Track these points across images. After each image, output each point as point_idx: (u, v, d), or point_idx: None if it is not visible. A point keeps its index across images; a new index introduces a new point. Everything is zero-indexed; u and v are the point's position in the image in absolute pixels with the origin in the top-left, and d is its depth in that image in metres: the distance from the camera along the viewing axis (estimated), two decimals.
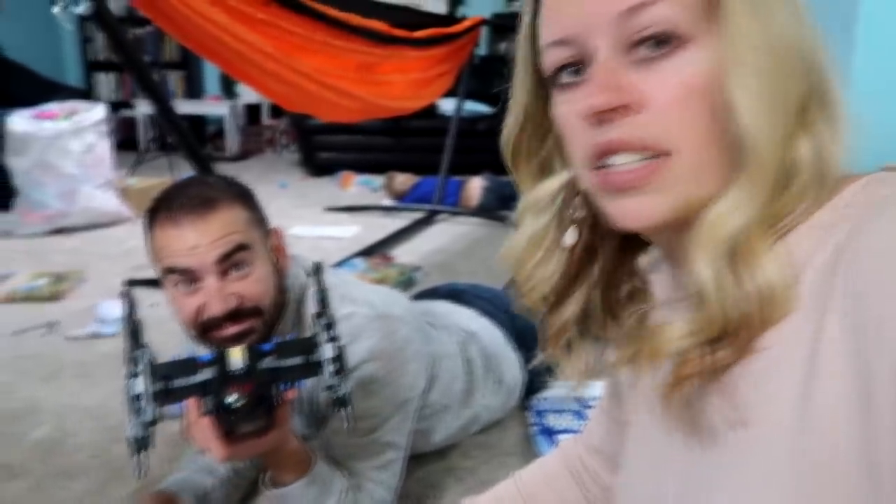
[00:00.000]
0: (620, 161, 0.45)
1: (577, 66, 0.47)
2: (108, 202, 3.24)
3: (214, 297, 0.94)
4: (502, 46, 5.59)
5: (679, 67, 0.43)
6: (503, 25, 4.82)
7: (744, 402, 0.44)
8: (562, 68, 0.48)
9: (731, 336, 0.44)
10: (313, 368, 0.83)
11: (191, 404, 0.80)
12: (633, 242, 0.60)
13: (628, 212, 0.46)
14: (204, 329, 0.96)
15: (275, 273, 1.03)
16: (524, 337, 1.51)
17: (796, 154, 0.44)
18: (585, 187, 0.51)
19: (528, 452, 1.38)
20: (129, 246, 2.79)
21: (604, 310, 0.60)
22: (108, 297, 2.22)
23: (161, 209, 0.97)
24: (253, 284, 0.97)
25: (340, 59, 2.41)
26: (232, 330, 0.96)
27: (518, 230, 0.56)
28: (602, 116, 0.44)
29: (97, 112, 3.26)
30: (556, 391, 1.60)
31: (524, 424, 1.49)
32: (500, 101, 0.57)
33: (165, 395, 0.78)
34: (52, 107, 3.21)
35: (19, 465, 1.33)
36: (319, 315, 0.86)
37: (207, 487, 1.12)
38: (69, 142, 3.09)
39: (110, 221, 3.20)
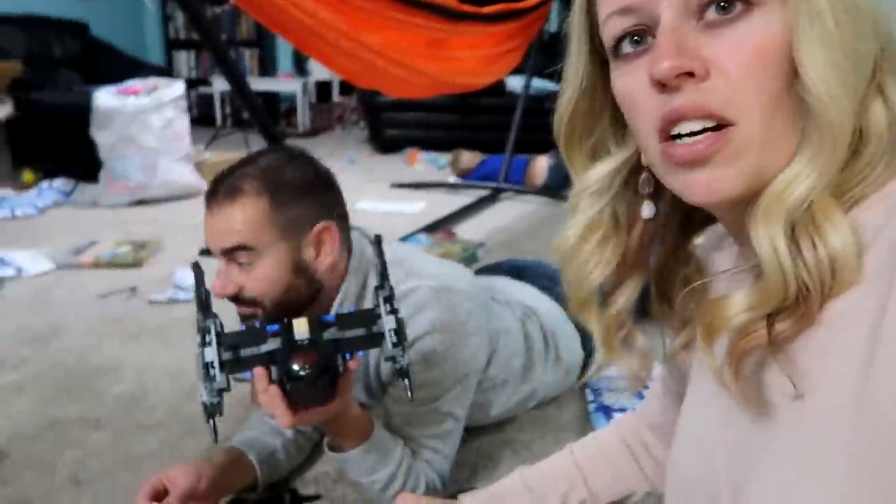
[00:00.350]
0: (689, 129, 0.44)
1: (640, 34, 0.46)
2: (186, 175, 3.38)
3: (217, 279, 1.01)
4: None
5: (747, 32, 0.42)
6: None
7: (802, 374, 0.43)
8: (623, 38, 0.47)
9: (791, 308, 0.43)
10: (374, 339, 0.85)
11: (258, 373, 0.83)
12: (693, 220, 0.59)
13: (697, 186, 0.45)
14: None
15: (294, 272, 1.02)
16: None
17: (868, 119, 0.42)
18: (652, 162, 0.50)
19: (585, 429, 1.38)
20: (203, 218, 2.90)
21: (658, 295, 0.60)
22: (184, 265, 2.33)
23: (209, 187, 1.04)
24: (253, 280, 1.01)
25: (409, 34, 2.42)
26: (239, 310, 1.04)
27: (573, 215, 0.55)
28: (668, 82, 0.43)
29: (176, 88, 3.39)
30: (614, 370, 1.59)
31: (581, 401, 1.49)
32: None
33: (235, 364, 0.82)
34: (135, 83, 3.36)
35: (103, 418, 1.42)
36: (380, 287, 0.88)
37: (273, 447, 1.17)
38: (150, 117, 3.23)
39: (187, 194, 3.34)
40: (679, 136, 0.44)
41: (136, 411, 1.45)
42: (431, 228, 2.78)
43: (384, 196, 3.48)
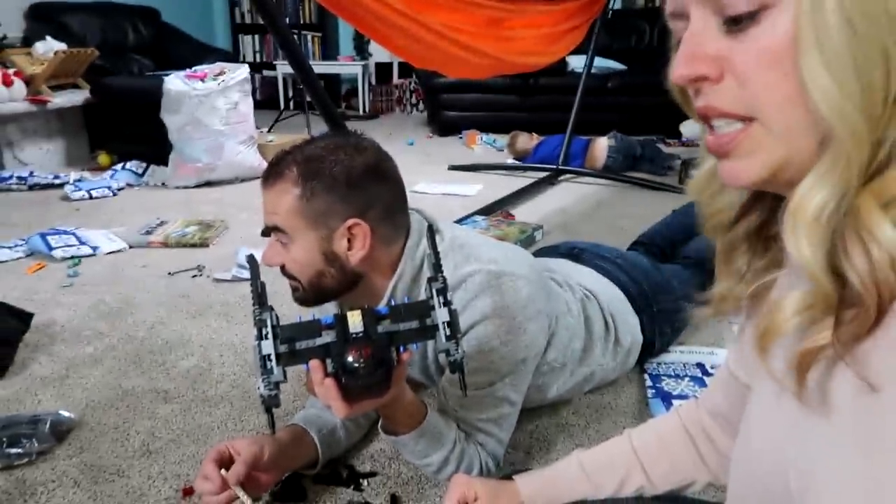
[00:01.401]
0: (715, 124, 0.47)
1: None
2: (250, 157, 3.47)
3: (266, 250, 1.08)
4: (638, 0, 5.33)
5: (760, 33, 0.43)
6: None
7: (873, 370, 0.41)
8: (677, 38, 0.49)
9: (854, 309, 0.42)
10: (428, 332, 0.85)
11: (314, 365, 0.84)
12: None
13: (725, 173, 0.48)
14: None
15: (325, 261, 1.05)
16: (644, 300, 1.47)
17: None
18: None
19: (642, 414, 1.36)
20: None
21: (757, 240, 0.59)
22: (247, 245, 2.39)
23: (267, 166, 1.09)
24: (289, 259, 1.06)
25: (469, 14, 2.41)
26: (288, 281, 1.09)
27: (702, 163, 0.59)
28: (683, 87, 0.47)
29: (241, 72, 3.46)
30: (674, 356, 1.56)
31: (639, 387, 1.46)
32: (634, 56, 0.58)
33: (291, 357, 0.84)
34: (203, 67, 3.45)
35: (172, 390, 1.48)
36: (433, 279, 0.87)
37: (333, 425, 1.20)
38: (217, 100, 3.31)
39: (251, 175, 3.43)
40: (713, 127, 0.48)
41: (202, 384, 1.51)
42: (489, 210, 2.76)
43: (442, 178, 3.48)
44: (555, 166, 3.49)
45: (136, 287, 2.08)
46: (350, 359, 0.81)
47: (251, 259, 0.92)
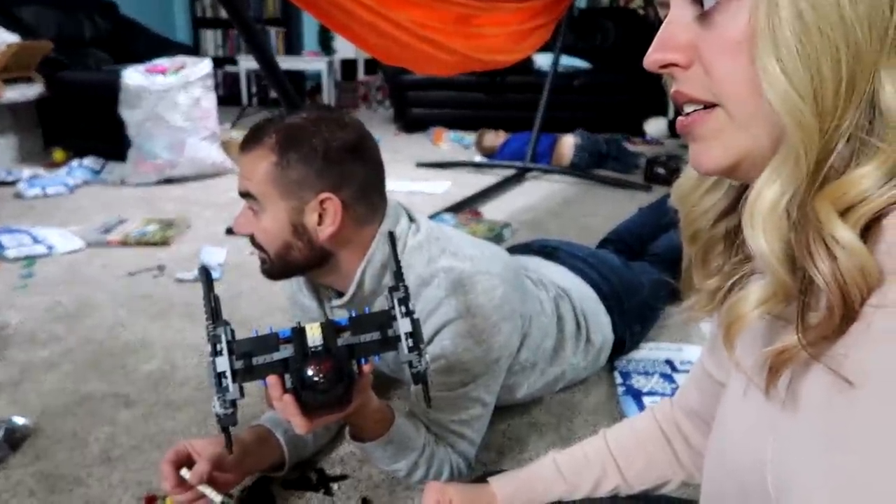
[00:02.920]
0: (685, 110, 0.48)
1: None
2: (212, 154, 3.39)
3: (236, 218, 1.07)
4: None
5: (724, 23, 0.44)
6: None
7: (854, 367, 0.41)
8: None
9: (830, 306, 0.42)
10: (390, 343, 0.84)
11: (272, 381, 0.82)
12: None
13: (692, 157, 0.49)
14: None
15: (293, 233, 1.03)
16: (616, 299, 1.47)
17: (876, 103, 0.40)
18: None
19: (612, 412, 1.36)
20: (231, 196, 2.90)
21: (735, 239, 0.59)
22: (210, 243, 2.34)
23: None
24: (258, 228, 1.05)
25: (438, 11, 2.39)
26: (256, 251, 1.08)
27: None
28: (655, 72, 0.48)
29: (203, 67, 3.38)
30: (644, 353, 1.57)
31: (610, 385, 1.46)
32: (599, 55, 0.58)
33: (247, 373, 0.81)
34: (162, 62, 3.36)
35: (133, 394, 1.43)
36: (394, 289, 0.85)
37: None
38: (177, 96, 3.23)
39: (214, 172, 3.35)
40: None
41: (164, 388, 1.46)
42: (457, 208, 2.75)
43: (409, 175, 3.46)
44: (522, 164, 3.49)
45: (94, 288, 2.01)
46: (309, 373, 0.79)
47: (204, 271, 0.89)
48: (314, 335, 0.81)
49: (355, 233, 1.06)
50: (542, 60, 4.29)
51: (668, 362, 1.53)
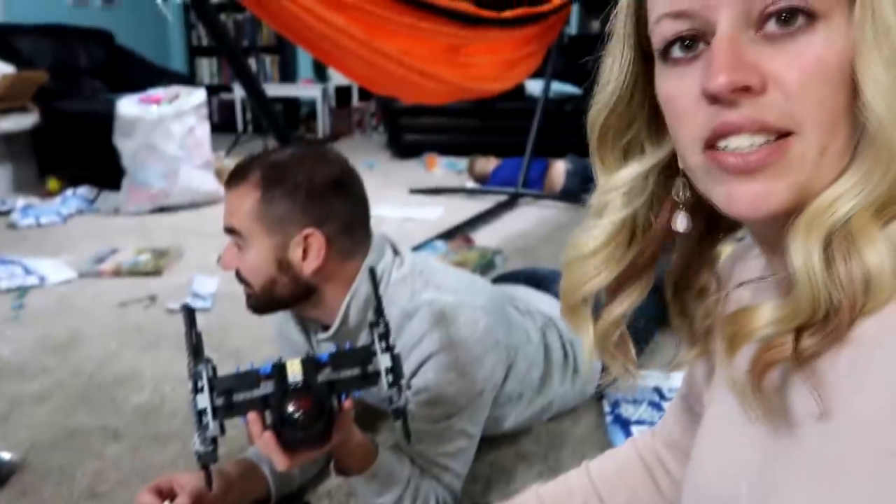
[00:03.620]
0: (737, 144, 0.42)
1: (692, 39, 0.44)
2: (206, 182, 3.41)
3: (224, 253, 1.07)
4: (594, 25, 5.45)
5: (808, 45, 0.41)
6: (595, 2, 4.69)
7: (829, 393, 0.41)
8: (674, 41, 0.45)
9: (820, 324, 0.41)
10: (370, 379, 0.85)
11: (252, 418, 0.82)
12: (716, 230, 0.57)
13: (745, 198, 0.43)
14: None
15: (278, 268, 1.04)
16: None
17: None
18: (690, 167, 0.48)
19: (601, 441, 1.36)
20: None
21: (676, 301, 0.59)
22: (202, 273, 2.35)
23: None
24: (243, 264, 1.06)
25: (427, 41, 2.42)
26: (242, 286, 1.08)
27: (601, 215, 0.54)
28: (723, 97, 0.42)
29: (198, 96, 3.42)
30: (632, 381, 1.57)
31: (598, 413, 1.47)
32: (588, 80, 0.55)
33: (228, 410, 0.82)
34: (157, 91, 3.39)
35: (122, 428, 1.43)
36: (374, 325, 0.86)
37: None
38: (172, 125, 3.26)
39: (208, 200, 3.37)
40: (727, 147, 0.43)
41: (153, 421, 1.46)
42: (449, 235, 2.77)
43: (402, 202, 3.48)
44: (514, 190, 3.52)
45: (85, 319, 2.01)
46: (289, 410, 0.79)
47: (186, 309, 0.91)
48: (294, 371, 0.82)
49: (340, 267, 1.07)
50: (534, 86, 4.33)
51: (657, 390, 1.54)
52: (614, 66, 0.51)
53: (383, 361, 0.84)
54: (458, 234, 2.81)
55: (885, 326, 0.39)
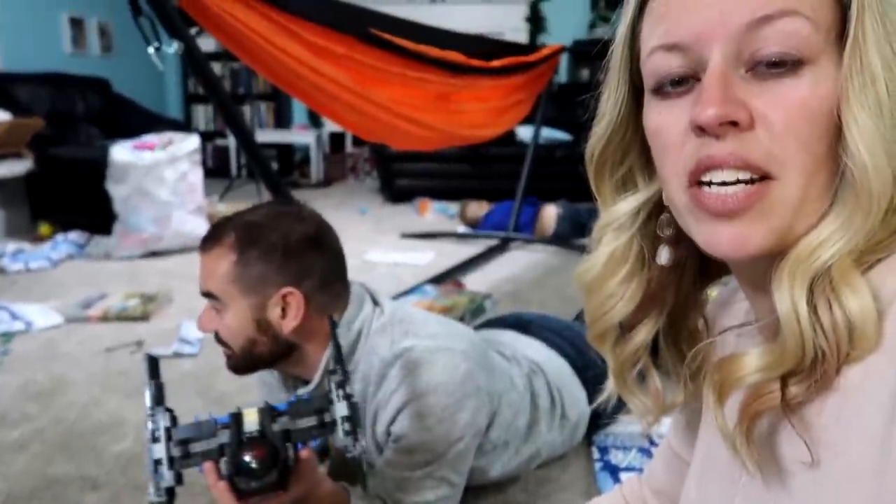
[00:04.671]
0: (721, 178, 0.43)
1: (684, 75, 0.45)
2: (199, 227, 3.41)
3: (200, 317, 1.07)
4: (583, 73, 5.56)
5: (795, 87, 0.41)
6: (584, 52, 4.80)
7: (817, 441, 0.41)
8: (666, 76, 0.46)
9: (807, 371, 0.41)
10: (327, 428, 0.84)
11: (207, 468, 0.82)
12: (709, 268, 0.58)
13: (722, 239, 0.44)
14: None
15: (258, 329, 1.04)
16: (591, 371, 1.47)
17: None
18: (674, 204, 0.48)
19: (590, 489, 1.34)
20: None
21: (668, 342, 0.59)
22: (191, 317, 2.33)
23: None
24: (222, 325, 1.05)
25: (417, 89, 2.46)
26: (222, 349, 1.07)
27: (596, 248, 0.55)
28: (711, 130, 0.42)
29: (191, 142, 3.45)
30: (621, 427, 1.55)
31: (587, 460, 1.45)
32: (580, 128, 0.56)
33: (184, 459, 0.82)
34: (151, 138, 3.43)
35: (101, 477, 1.40)
36: (332, 372, 0.86)
37: None
38: (165, 170, 3.28)
39: (198, 245, 3.36)
40: (710, 183, 0.43)
41: (134, 470, 1.43)
42: (439, 279, 2.77)
43: (394, 246, 3.49)
44: (505, 234, 3.54)
45: (70, 365, 1.99)
46: (244, 459, 0.79)
47: (150, 359, 0.91)
48: (251, 420, 0.83)
49: (319, 323, 1.07)
50: (524, 133, 4.40)
51: (646, 436, 1.52)
52: (610, 98, 0.52)
53: (339, 410, 0.83)
54: (448, 278, 2.81)
55: (869, 374, 0.39)
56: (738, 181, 0.42)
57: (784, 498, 0.43)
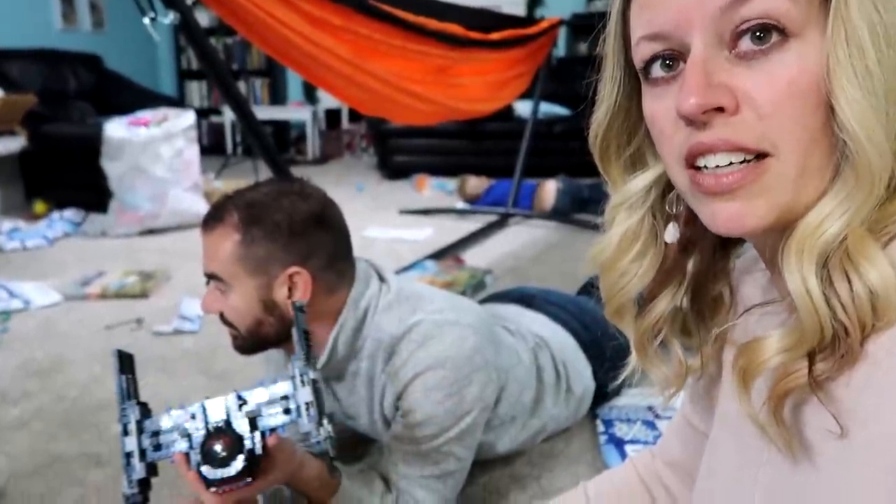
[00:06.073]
0: (715, 163, 0.43)
1: (672, 59, 0.45)
2: (196, 204, 3.39)
3: (205, 297, 1.04)
4: (581, 47, 5.50)
5: (781, 64, 0.40)
6: (582, 26, 4.74)
7: (844, 412, 0.41)
8: (653, 61, 0.46)
9: (830, 346, 0.41)
10: (291, 414, 0.84)
11: (178, 459, 0.82)
12: (730, 239, 0.57)
13: (723, 216, 0.44)
14: None
15: (264, 310, 1.02)
16: (596, 346, 1.46)
17: None
18: (678, 185, 0.48)
19: (595, 461, 1.34)
20: None
21: (692, 311, 0.58)
22: (191, 295, 2.32)
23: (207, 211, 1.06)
24: (227, 307, 1.03)
25: (416, 62, 2.43)
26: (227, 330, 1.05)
27: (610, 228, 0.54)
28: (695, 119, 0.42)
29: (187, 119, 3.41)
30: (625, 400, 1.55)
31: (591, 433, 1.45)
32: (579, 102, 0.55)
33: (156, 451, 0.83)
34: (145, 114, 3.39)
35: (104, 454, 1.40)
36: (297, 358, 0.85)
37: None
38: (160, 147, 3.25)
39: (196, 223, 3.29)
40: (706, 166, 0.43)
41: None
42: (439, 255, 2.75)
43: (392, 223, 3.47)
44: (504, 210, 3.52)
45: (69, 343, 1.98)
46: (213, 448, 0.80)
47: (120, 354, 0.89)
48: (216, 410, 0.83)
49: (326, 301, 1.06)
50: (523, 108, 4.36)
51: (650, 408, 1.52)
52: (607, 85, 0.52)
53: (303, 395, 0.82)
54: (448, 254, 2.80)
55: (889, 345, 0.39)
56: (731, 164, 0.42)
57: (811, 472, 0.43)
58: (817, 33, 0.40)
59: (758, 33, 0.40)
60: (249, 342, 1.06)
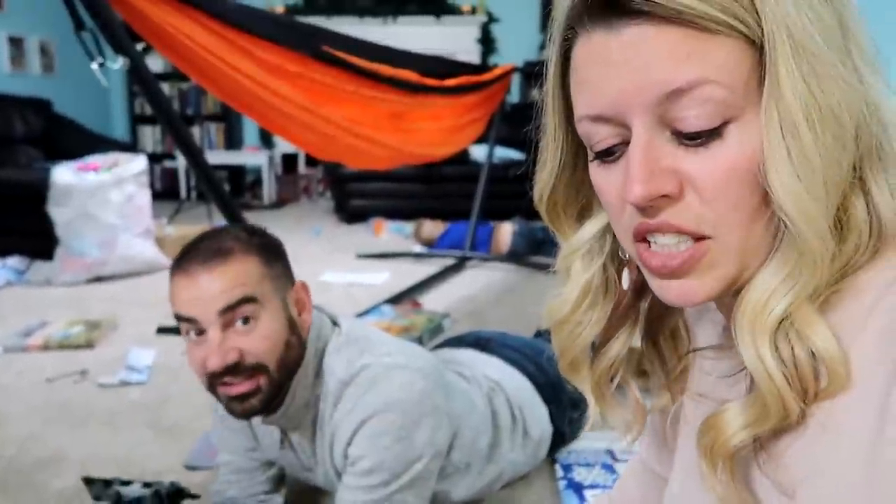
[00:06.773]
0: (662, 242, 0.43)
1: (613, 144, 0.44)
2: (147, 250, 3.31)
3: (214, 350, 0.94)
4: (535, 93, 5.63)
5: (723, 149, 0.40)
6: (535, 73, 4.85)
7: (791, 473, 0.41)
8: (597, 142, 0.45)
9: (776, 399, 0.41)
10: None
11: None
12: None
13: (673, 293, 0.45)
14: (210, 382, 0.97)
15: (289, 329, 1.01)
16: (552, 389, 1.46)
17: (848, 217, 0.41)
18: (629, 253, 0.48)
19: None
20: (164, 293, 2.80)
21: (649, 346, 0.58)
22: (139, 344, 2.25)
23: (179, 258, 0.99)
24: (257, 340, 0.97)
25: (371, 108, 2.45)
26: (237, 389, 0.96)
27: (566, 277, 0.54)
28: (639, 207, 0.43)
29: (138, 164, 3.36)
30: (584, 444, 1.54)
31: (550, 478, 1.43)
32: (531, 146, 0.55)
33: None
34: (95, 159, 3.32)
35: None
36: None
37: None
38: (110, 192, 3.18)
39: (147, 269, 3.26)
40: (655, 242, 0.44)
41: None
42: (396, 299, 2.74)
43: (349, 267, 3.44)
44: (461, 253, 3.53)
45: (8, 397, 1.88)
46: None
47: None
48: None
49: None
50: (478, 152, 4.42)
51: (609, 452, 1.52)
52: (549, 146, 0.52)
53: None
54: (405, 298, 2.78)
55: (839, 407, 0.40)
56: (678, 241, 0.43)
57: None
58: (755, 112, 0.40)
59: (692, 135, 0.41)
60: (277, 377, 0.99)
